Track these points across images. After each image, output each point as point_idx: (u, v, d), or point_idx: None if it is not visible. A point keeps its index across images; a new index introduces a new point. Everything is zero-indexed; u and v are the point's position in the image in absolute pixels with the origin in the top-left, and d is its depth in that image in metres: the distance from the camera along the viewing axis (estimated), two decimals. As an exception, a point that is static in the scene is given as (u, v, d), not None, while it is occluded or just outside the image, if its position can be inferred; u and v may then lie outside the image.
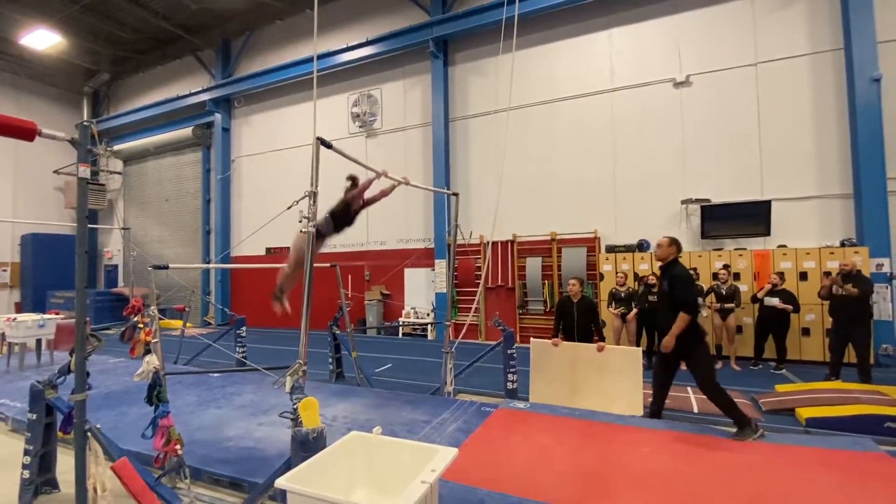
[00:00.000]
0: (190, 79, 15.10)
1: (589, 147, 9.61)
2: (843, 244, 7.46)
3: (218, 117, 14.23)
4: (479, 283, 7.91)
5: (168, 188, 16.02)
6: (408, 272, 11.36)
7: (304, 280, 2.65)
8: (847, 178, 7.69)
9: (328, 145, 2.92)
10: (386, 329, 11.45)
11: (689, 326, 4.05)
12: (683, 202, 8.64)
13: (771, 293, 6.71)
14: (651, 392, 4.53)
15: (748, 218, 8.02)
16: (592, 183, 9.53)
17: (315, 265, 2.93)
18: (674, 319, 4.04)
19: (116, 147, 16.63)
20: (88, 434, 2.63)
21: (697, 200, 8.51)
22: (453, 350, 5.29)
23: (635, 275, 8.33)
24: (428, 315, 10.93)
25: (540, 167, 10.01)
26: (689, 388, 5.72)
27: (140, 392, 3.22)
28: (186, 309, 8.86)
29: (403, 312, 11.27)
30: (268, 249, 13.46)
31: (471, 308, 8.41)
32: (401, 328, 11.11)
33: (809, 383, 5.73)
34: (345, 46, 11.69)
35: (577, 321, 5.45)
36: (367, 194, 4.04)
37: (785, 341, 6.71)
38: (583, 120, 9.65)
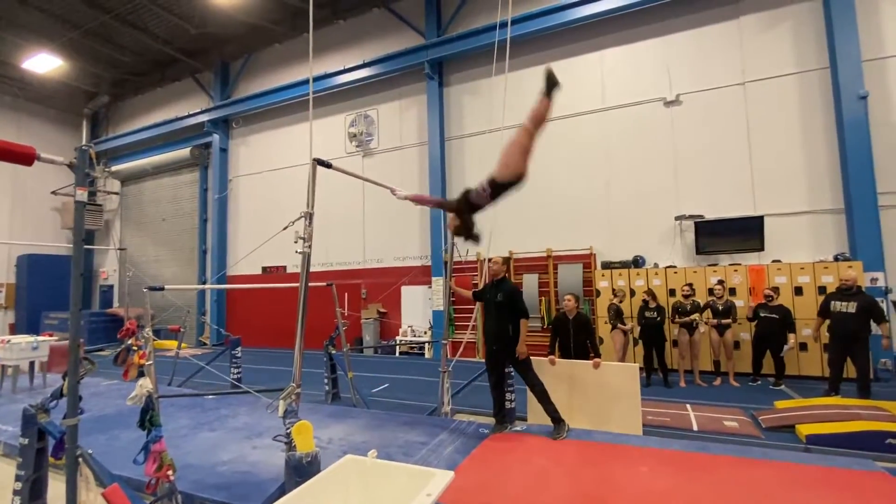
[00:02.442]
0: (188, 100, 15.31)
1: (583, 165, 9.74)
2: (836, 259, 7.52)
3: (216, 138, 14.37)
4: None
5: (165, 208, 16.07)
6: (405, 290, 11.34)
7: (300, 302, 2.65)
8: (838, 194, 7.79)
9: (326, 165, 2.96)
10: (383, 348, 11.37)
11: (521, 331, 4.41)
12: (677, 218, 8.71)
13: (764, 307, 6.74)
14: (648, 409, 4.50)
15: (742, 233, 8.09)
16: (587, 200, 9.63)
17: (311, 284, 2.94)
18: (508, 324, 4.40)
19: (115, 167, 16.74)
20: (80, 460, 2.59)
21: (691, 216, 8.58)
22: (450, 369, 5.25)
23: (631, 290, 8.35)
24: (425, 333, 10.88)
25: (535, 184, 9.96)
26: (687, 406, 5.69)
27: (133, 415, 3.18)
28: (181, 329, 8.80)
29: (400, 331, 11.21)
30: (264, 269, 13.46)
31: (468, 326, 8.39)
32: (398, 347, 11.03)
33: (809, 399, 5.70)
34: (342, 68, 11.92)
35: (573, 337, 5.45)
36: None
37: (782, 356, 6.69)
38: (576, 138, 9.80)
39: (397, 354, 11.06)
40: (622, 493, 3.25)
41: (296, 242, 2.66)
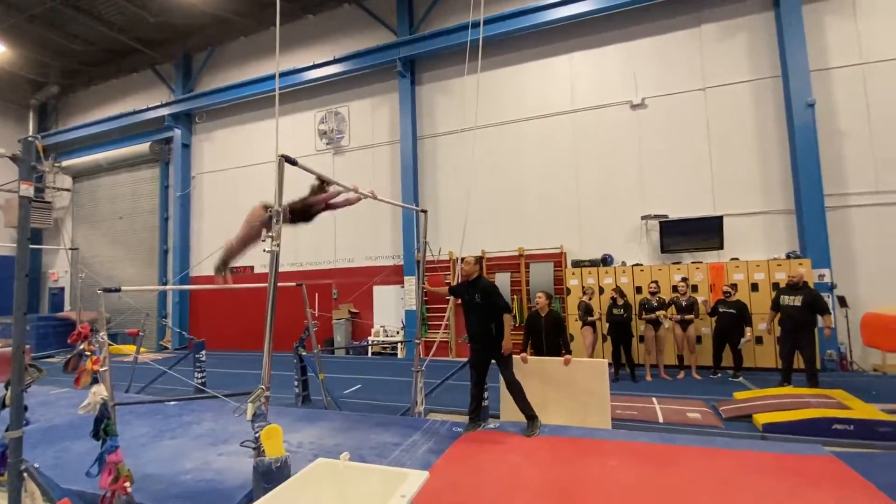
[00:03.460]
0: (147, 93, 14.61)
1: (553, 165, 9.90)
2: (788, 256, 7.95)
3: (177, 133, 13.77)
4: (448, 300, 7.89)
5: (122, 206, 15.27)
6: (377, 290, 11.22)
7: (268, 302, 2.57)
8: (789, 195, 8.24)
9: (293, 162, 2.88)
10: (355, 349, 11.21)
11: (503, 328, 4.46)
12: (643, 218, 8.99)
13: (723, 303, 7.06)
14: (617, 403, 4.61)
15: (703, 233, 8.44)
16: (558, 200, 9.80)
17: (280, 284, 2.85)
18: (490, 322, 4.42)
19: (65, 162, 15.78)
20: (24, 474, 2.41)
21: (656, 216, 8.88)
22: (423, 368, 5.23)
23: (601, 288, 8.56)
24: (398, 333, 10.80)
25: (507, 184, 10.21)
26: (653, 399, 5.87)
27: (86, 425, 2.99)
28: (140, 333, 8.38)
29: (372, 331, 11.08)
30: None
31: (441, 325, 8.38)
32: (370, 347, 10.90)
33: (764, 390, 5.99)
34: (311, 64, 11.66)
35: (545, 335, 5.52)
36: (333, 200, 4.01)
37: (739, 349, 7.03)
38: (547, 139, 9.96)
39: (370, 355, 10.93)
40: (593, 486, 3.31)
41: (263, 241, 2.57)
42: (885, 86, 7.85)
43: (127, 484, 2.64)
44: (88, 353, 2.88)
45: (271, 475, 1.97)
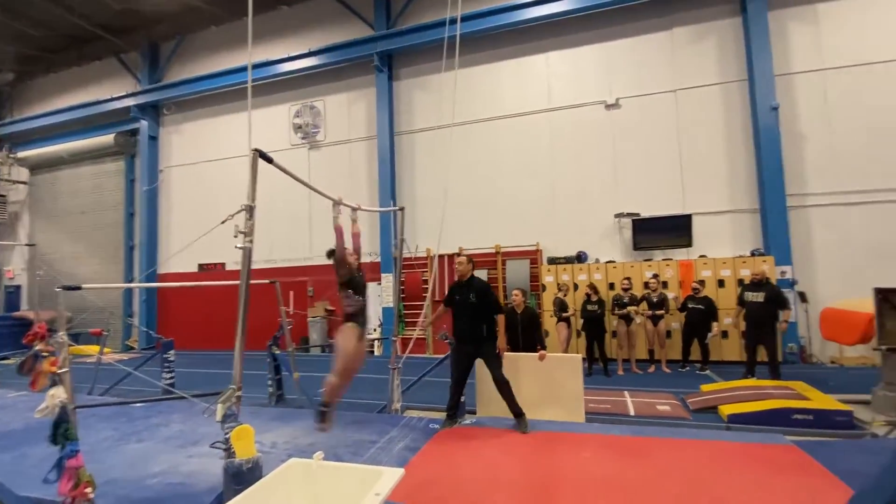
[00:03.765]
0: (112, 82, 13.99)
1: (530, 163, 9.99)
2: (753, 254, 8.27)
3: (144, 124, 13.25)
4: (426, 297, 7.87)
5: (85, 200, 14.60)
6: (353, 287, 11.08)
7: (240, 298, 2.50)
8: (754, 195, 8.56)
9: (268, 159, 2.80)
10: (331, 347, 11.06)
11: (493, 327, 4.49)
12: (617, 216, 9.19)
13: (692, 299, 7.29)
14: (590, 397, 4.70)
15: (673, 230, 8.69)
16: (534, 197, 9.90)
17: (253, 282, 2.77)
18: (482, 323, 4.43)
19: (21, 154, 14.97)
20: (-24, 483, 2.28)
21: (629, 214, 9.09)
22: (400, 366, 5.21)
23: (575, 285, 8.71)
24: (374, 330, 10.71)
25: (484, 182, 10.25)
26: (625, 393, 6.02)
27: (46, 429, 2.85)
28: (104, 333, 8.04)
29: (349, 328, 10.95)
30: (200, 266, 12.65)
31: (418, 322, 8.37)
32: (346, 345, 10.77)
33: (730, 382, 6.22)
34: (286, 56, 11.41)
35: (520, 331, 5.58)
36: (349, 245, 4.01)
37: (707, 343, 7.28)
38: (524, 137, 10.04)
39: (345, 353, 10.80)
40: (567, 479, 3.37)
41: (235, 237, 2.50)
42: (843, 91, 8.23)
43: (89, 490, 2.54)
44: (45, 354, 2.74)
45: (242, 476, 1.92)
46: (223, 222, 2.62)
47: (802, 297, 8.04)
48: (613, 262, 8.98)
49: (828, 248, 8.15)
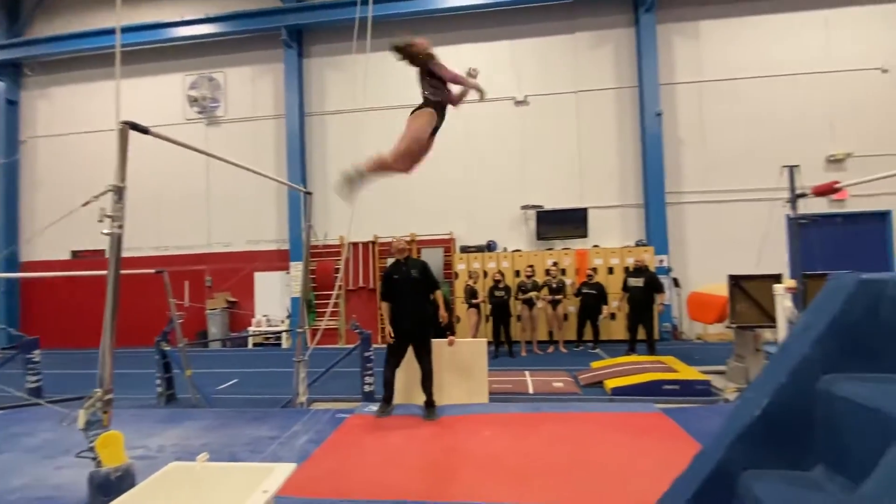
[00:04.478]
0: (-52, 30, 11.50)
1: (445, 153, 10.05)
2: (637, 244, 9.28)
3: (1, 86, 11.13)
4: (339, 286, 7.69)
5: (-89, 172, 11.93)
6: (259, 276, 10.48)
7: (109, 291, 2.25)
8: (640, 192, 9.57)
9: (143, 130, 2.52)
10: (233, 341, 10.38)
11: (439, 301, 4.63)
12: (523, 207, 9.72)
13: (586, 285, 8.02)
14: (494, 378, 4.97)
15: (572, 222, 9.45)
16: (448, 187, 10.07)
17: (137, 271, 2.51)
18: (427, 300, 4.54)
19: None
20: None
21: (534, 206, 9.66)
22: (307, 357, 5.06)
23: (484, 273, 9.09)
24: (282, 322, 10.26)
25: (399, 170, 10.18)
26: (526, 373, 6.46)
27: None
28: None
29: (254, 321, 10.35)
30: (74, 253, 11.06)
31: (332, 312, 8.16)
32: (250, 339, 10.19)
33: (615, 359, 6.95)
34: (179, 20, 10.25)
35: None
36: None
37: (598, 325, 8.06)
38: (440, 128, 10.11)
39: (250, 346, 10.22)
40: (467, 456, 3.57)
41: (100, 221, 2.22)
42: (714, 102, 9.46)
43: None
44: None
45: (110, 487, 1.76)
46: (85, 204, 2.32)
47: (676, 282, 9.21)
48: (520, 250, 9.51)
49: (698, 240, 9.40)
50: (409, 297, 4.51)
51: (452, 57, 11.38)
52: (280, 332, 9.98)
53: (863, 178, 5.32)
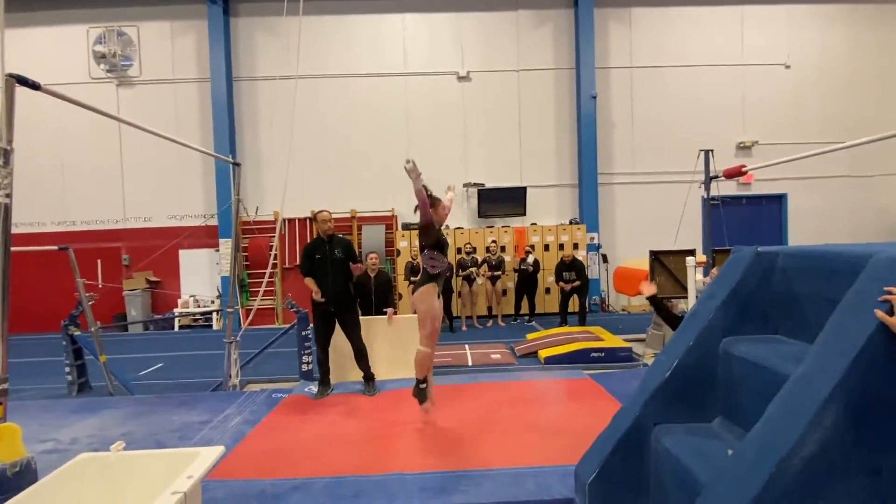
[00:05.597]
0: None
1: (386, 126, 9.88)
2: (571, 222, 9.74)
3: None
4: (273, 264, 7.36)
5: None
6: (184, 254, 9.75)
7: None
8: (575, 172, 9.98)
9: (33, 85, 2.20)
10: (156, 323, 9.66)
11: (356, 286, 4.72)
12: (465, 185, 9.79)
13: (524, 261, 8.33)
14: (435, 352, 5.04)
15: (511, 201, 9.69)
16: (389, 162, 9.84)
17: (38, 248, 2.21)
18: (347, 282, 4.50)
19: None
20: None
21: (476, 184, 9.76)
22: (238, 338, 4.85)
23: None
24: (213, 302, 9.69)
25: (338, 143, 9.82)
26: (465, 346, 6.65)
27: None
28: None
29: (180, 302, 9.69)
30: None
31: (266, 291, 7.81)
32: (177, 320, 9.54)
33: (549, 330, 7.35)
34: (78, -39, 8.96)
35: (373, 295, 5.65)
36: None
37: (534, 299, 8.44)
38: (379, 99, 9.83)
39: (177, 329, 9.58)
40: (407, 429, 3.64)
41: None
42: (643, 88, 9.98)
43: None
44: None
45: (7, 483, 1.59)
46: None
47: (604, 258, 9.82)
48: (462, 228, 9.63)
49: (625, 219, 10.04)
50: (331, 278, 4.40)
51: (397, 25, 11.05)
52: (210, 313, 9.43)
53: (765, 163, 5.93)
